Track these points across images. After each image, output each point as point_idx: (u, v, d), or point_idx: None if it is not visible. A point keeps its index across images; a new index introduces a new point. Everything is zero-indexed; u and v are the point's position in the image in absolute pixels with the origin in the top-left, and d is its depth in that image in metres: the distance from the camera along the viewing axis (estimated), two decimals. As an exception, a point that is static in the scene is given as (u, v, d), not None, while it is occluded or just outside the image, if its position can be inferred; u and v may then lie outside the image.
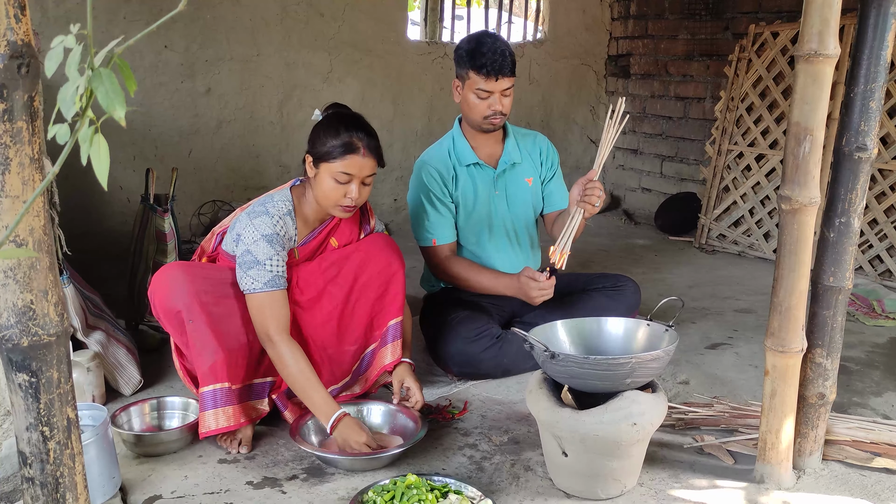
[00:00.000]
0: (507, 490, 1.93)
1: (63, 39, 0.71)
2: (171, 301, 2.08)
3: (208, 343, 2.04)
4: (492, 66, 2.48)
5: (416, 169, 2.74)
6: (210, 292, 2.10)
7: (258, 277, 2.07)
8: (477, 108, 2.57)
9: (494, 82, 2.51)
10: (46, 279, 1.01)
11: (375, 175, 2.16)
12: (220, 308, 2.10)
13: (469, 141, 2.71)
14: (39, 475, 1.05)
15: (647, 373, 1.84)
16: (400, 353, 2.30)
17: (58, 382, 1.04)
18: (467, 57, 2.53)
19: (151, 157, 4.04)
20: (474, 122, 2.63)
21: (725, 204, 4.45)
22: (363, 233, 2.36)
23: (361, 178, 2.11)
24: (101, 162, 0.75)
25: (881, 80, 1.78)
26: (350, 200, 2.11)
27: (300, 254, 2.23)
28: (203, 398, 2.04)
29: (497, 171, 2.72)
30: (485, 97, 2.54)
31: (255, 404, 2.19)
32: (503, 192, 2.74)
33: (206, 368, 2.04)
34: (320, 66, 4.54)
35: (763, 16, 4.46)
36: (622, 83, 5.54)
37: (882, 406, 2.41)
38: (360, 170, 2.09)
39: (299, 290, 2.24)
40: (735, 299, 3.54)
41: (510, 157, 2.72)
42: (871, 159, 1.83)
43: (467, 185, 2.70)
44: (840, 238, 1.87)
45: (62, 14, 3.66)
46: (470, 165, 2.70)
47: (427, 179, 2.67)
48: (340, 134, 2.08)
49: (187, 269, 2.15)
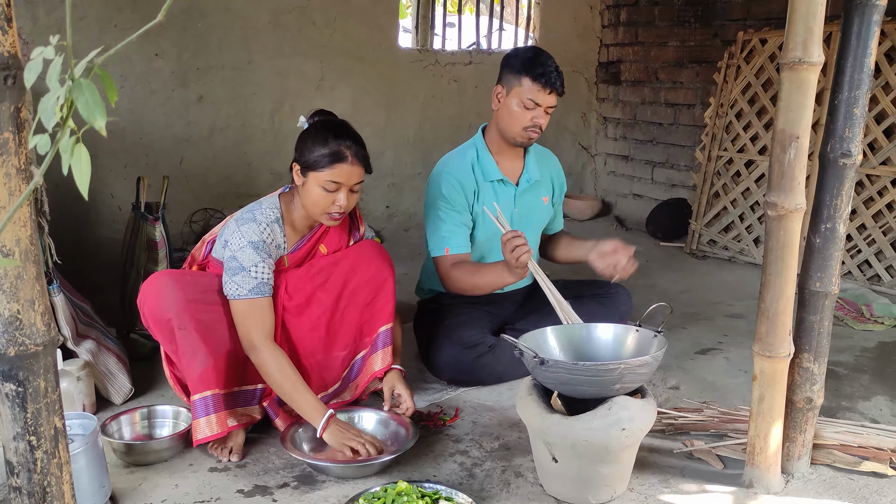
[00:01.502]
0: (497, 496, 1.94)
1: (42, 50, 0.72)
2: (161, 309, 2.08)
3: (199, 350, 2.04)
4: (549, 77, 2.45)
5: (436, 177, 2.66)
6: (199, 300, 2.11)
7: (243, 284, 2.07)
8: (519, 118, 2.52)
9: (546, 95, 2.47)
10: (33, 289, 1.02)
11: (363, 182, 2.17)
12: (209, 315, 2.10)
13: (493, 154, 2.66)
14: (27, 485, 1.05)
15: (636, 378, 1.85)
16: (391, 360, 2.31)
17: (45, 392, 1.04)
18: (524, 64, 2.48)
19: (143, 164, 4.03)
20: (511, 132, 2.56)
21: (716, 210, 4.48)
22: (353, 240, 2.37)
23: (349, 186, 2.11)
24: (83, 172, 0.75)
25: (865, 86, 1.80)
26: (338, 208, 2.11)
27: (290, 261, 2.24)
28: (195, 406, 2.04)
29: (519, 188, 2.69)
30: (531, 108, 2.49)
31: (245, 411, 2.18)
32: (523, 211, 2.72)
33: (196, 376, 2.04)
34: (312, 73, 4.55)
35: (752, 23, 4.50)
36: (613, 90, 5.57)
37: (870, 410, 2.42)
38: (349, 178, 2.10)
39: (287, 295, 2.24)
40: (725, 304, 3.56)
41: (531, 174, 2.70)
42: (856, 165, 1.85)
43: (488, 201, 2.64)
44: (826, 243, 1.89)
45: (53, 23, 3.66)
46: (494, 181, 2.65)
47: (447, 190, 2.60)
48: (328, 143, 2.09)
49: (176, 276, 2.15)
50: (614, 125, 5.60)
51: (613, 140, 5.64)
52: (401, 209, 5.07)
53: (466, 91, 5.12)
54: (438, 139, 5.05)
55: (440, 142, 5.02)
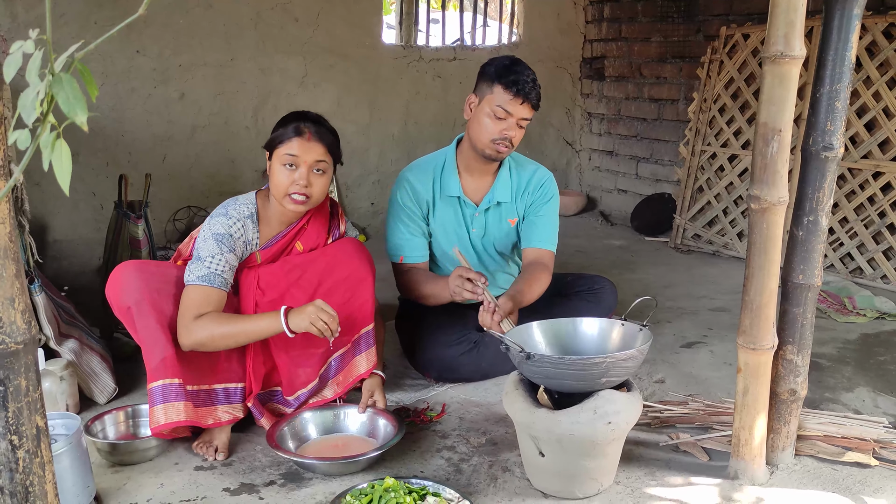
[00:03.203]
0: (485, 491, 1.94)
1: (22, 45, 0.71)
2: (122, 297, 2.06)
3: (158, 339, 2.02)
4: (522, 86, 2.36)
5: (398, 182, 2.63)
6: (162, 290, 2.09)
7: (194, 270, 2.09)
8: (488, 129, 2.41)
9: (518, 105, 2.38)
10: (13, 287, 1.00)
11: (327, 165, 2.16)
12: (171, 306, 2.09)
13: (460, 169, 2.59)
14: (9, 485, 1.04)
15: (621, 372, 1.85)
16: (375, 362, 2.28)
17: (26, 391, 1.03)
18: (497, 72, 2.40)
19: (124, 163, 4.00)
20: (480, 144, 2.46)
21: (700, 204, 4.50)
22: (332, 238, 2.34)
23: (308, 163, 2.12)
24: (63, 167, 0.75)
25: (846, 80, 1.82)
26: (297, 188, 2.11)
27: (262, 257, 2.23)
28: (152, 394, 2.01)
29: (479, 208, 2.62)
30: (502, 117, 2.39)
31: (227, 409, 2.16)
32: (481, 231, 2.65)
33: (155, 364, 2.01)
34: (295, 71, 4.53)
35: (734, 18, 4.52)
36: (597, 85, 5.58)
37: (853, 401, 2.44)
38: (305, 153, 2.11)
39: (261, 291, 2.23)
40: (710, 298, 3.58)
41: (496, 195, 2.61)
42: (838, 158, 1.86)
43: (446, 216, 2.61)
44: (809, 236, 1.90)
45: (32, 19, 3.62)
46: (451, 197, 2.61)
47: (402, 198, 2.58)
48: (289, 121, 2.16)
49: (140, 266, 2.15)
50: (598, 121, 5.61)
51: (598, 136, 5.65)
52: (385, 206, 5.03)
53: (451, 87, 5.11)
54: (423, 136, 5.05)
55: (424, 138, 5.02)
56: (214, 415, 2.12)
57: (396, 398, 2.48)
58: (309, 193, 2.13)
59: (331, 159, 2.17)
